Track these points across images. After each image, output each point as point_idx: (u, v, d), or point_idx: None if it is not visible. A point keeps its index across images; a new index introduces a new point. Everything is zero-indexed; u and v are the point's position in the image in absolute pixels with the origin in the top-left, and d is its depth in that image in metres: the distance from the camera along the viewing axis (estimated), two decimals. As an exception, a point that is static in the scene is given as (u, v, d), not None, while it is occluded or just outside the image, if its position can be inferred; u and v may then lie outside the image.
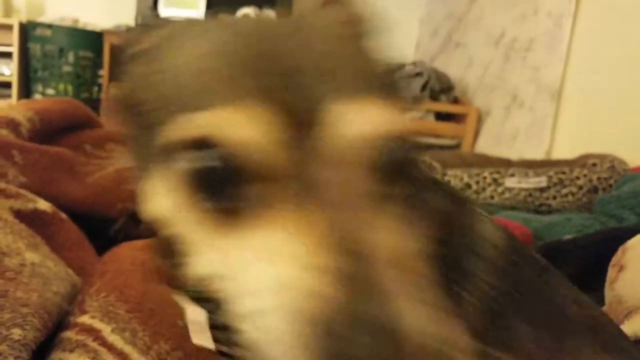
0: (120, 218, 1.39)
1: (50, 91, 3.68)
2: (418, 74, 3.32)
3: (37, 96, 3.69)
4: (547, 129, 2.93)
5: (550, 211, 1.92)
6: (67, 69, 3.65)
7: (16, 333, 0.58)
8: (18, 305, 0.62)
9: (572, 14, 2.81)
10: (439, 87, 3.40)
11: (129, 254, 0.93)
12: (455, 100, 3.51)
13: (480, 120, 3.44)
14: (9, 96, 3.73)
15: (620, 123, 2.44)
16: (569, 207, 1.96)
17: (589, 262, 0.97)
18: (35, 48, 3.62)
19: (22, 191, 1.02)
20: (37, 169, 1.14)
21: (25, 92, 3.79)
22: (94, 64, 3.70)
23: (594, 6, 2.72)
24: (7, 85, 3.71)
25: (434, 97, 3.39)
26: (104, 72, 3.55)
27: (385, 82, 0.39)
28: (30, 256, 0.76)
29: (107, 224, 1.34)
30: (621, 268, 0.88)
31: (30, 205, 1.00)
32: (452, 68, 3.74)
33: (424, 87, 3.28)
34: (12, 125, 1.21)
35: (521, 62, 3.23)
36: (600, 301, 0.89)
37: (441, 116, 3.44)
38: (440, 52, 3.99)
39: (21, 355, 0.58)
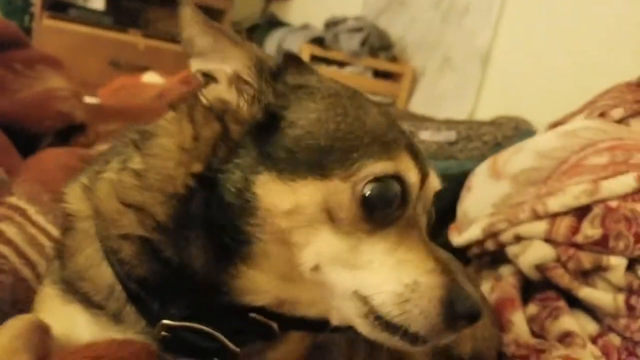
0: (48, 135, 1.45)
1: (-23, 16, 3.52)
2: (359, 29, 3.42)
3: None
4: (472, 91, 3.13)
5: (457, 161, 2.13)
6: (-3, -6, 3.49)
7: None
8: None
9: (505, -17, 2.96)
10: (379, 44, 3.51)
11: (53, 156, 1.02)
12: (394, 59, 3.65)
13: (415, 80, 3.61)
14: None
15: (536, 89, 2.66)
16: (474, 160, 2.17)
17: (458, 193, 1.16)
18: (-38, -32, 3.42)
19: (-50, 97, 1.07)
20: (-34, 80, 1.19)
21: (-50, 14, 3.59)
22: (26, -9, 3.56)
23: (526, -23, 2.87)
24: None
25: (373, 54, 3.51)
26: (36, 0, 3.42)
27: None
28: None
29: (35, 140, 1.40)
30: (469, 189, 1.08)
31: (-40, 111, 1.06)
32: (395, 27, 3.85)
33: (363, 43, 3.39)
34: (-59, 36, 1.23)
35: (456, 26, 3.38)
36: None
37: (379, 74, 3.58)
38: (386, 9, 4.09)
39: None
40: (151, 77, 2.27)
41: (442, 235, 1.17)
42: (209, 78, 0.57)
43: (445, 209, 1.19)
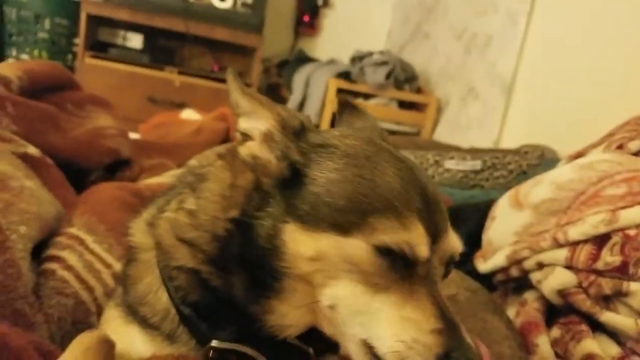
0: (96, 170, 1.57)
1: (24, 57, 3.71)
2: (384, 63, 3.52)
3: (11, 61, 3.75)
4: (497, 120, 3.16)
5: (483, 190, 2.17)
6: (42, 35, 3.70)
7: (22, 229, 0.78)
8: (22, 212, 0.81)
9: (527, 13, 3.01)
10: (404, 77, 3.61)
11: (107, 190, 1.12)
12: (418, 90, 3.73)
13: (439, 110, 3.67)
14: (-17, 59, 3.79)
15: (560, 118, 2.68)
16: (499, 188, 2.20)
17: (484, 221, 1.21)
18: (10, 12, 3.66)
19: (15, 137, 1.19)
20: (27, 120, 1.31)
21: (0, 56, 3.84)
22: (69, 32, 3.74)
23: (549, 7, 2.91)
24: (-19, 48, 3.76)
25: (398, 85, 3.60)
26: (79, 40, 3.63)
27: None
28: (28, 183, 0.94)
29: (84, 174, 1.52)
30: (493, 219, 1.12)
31: (22, 149, 1.17)
32: (419, 57, 3.94)
33: (388, 76, 3.49)
34: (4, 81, 1.37)
35: (479, 56, 3.45)
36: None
37: (404, 104, 3.67)
38: (410, 41, 4.19)
39: (25, 245, 0.77)
40: (189, 114, 2.40)
41: (469, 262, 1.21)
42: (246, 136, 0.65)
43: (472, 236, 1.24)
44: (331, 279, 0.57)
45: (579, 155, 1.24)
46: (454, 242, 0.63)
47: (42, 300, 0.76)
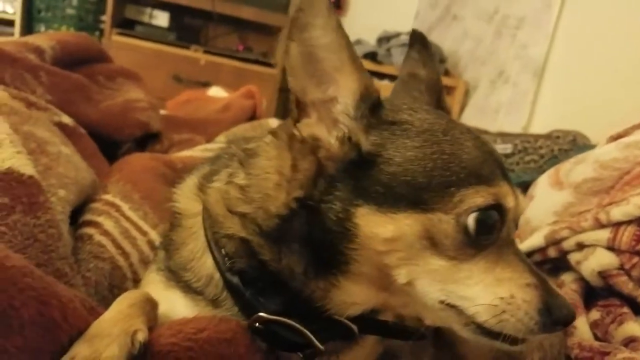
0: (127, 142, 1.58)
1: (51, 32, 3.78)
2: (411, 44, 3.47)
3: (50, 31, 3.79)
4: (527, 104, 3.10)
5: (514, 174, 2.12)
6: (70, 11, 3.72)
7: (61, 192, 0.78)
8: (61, 176, 0.82)
9: (561, -4, 2.93)
10: (431, 58, 3.55)
11: (140, 160, 1.13)
12: (446, 73, 3.66)
13: (467, 94, 3.60)
14: (11, 34, 3.81)
15: (593, 103, 2.61)
16: (530, 172, 2.16)
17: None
18: (39, -12, 3.71)
19: (49, 106, 1.20)
20: (60, 90, 1.31)
21: (27, 31, 3.85)
22: (96, 9, 3.76)
23: (583, -11, 2.83)
24: (9, 23, 3.77)
25: (425, 67, 3.55)
26: (106, 17, 3.65)
27: None
28: (64, 149, 0.94)
29: (115, 146, 1.53)
30: (531, 198, 1.10)
31: (56, 118, 1.18)
32: (447, 40, 3.87)
33: (415, 57, 3.43)
34: (38, 51, 1.37)
35: (510, 39, 3.37)
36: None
37: (431, 86, 3.61)
38: (438, 23, 4.12)
39: (64, 208, 0.77)
40: (216, 92, 2.39)
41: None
42: (302, 108, 0.58)
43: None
44: (407, 258, 0.56)
45: (621, 136, 1.20)
46: (523, 201, 0.64)
47: (80, 263, 0.77)
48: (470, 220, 0.55)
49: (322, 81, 0.58)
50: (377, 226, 0.55)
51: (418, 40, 0.76)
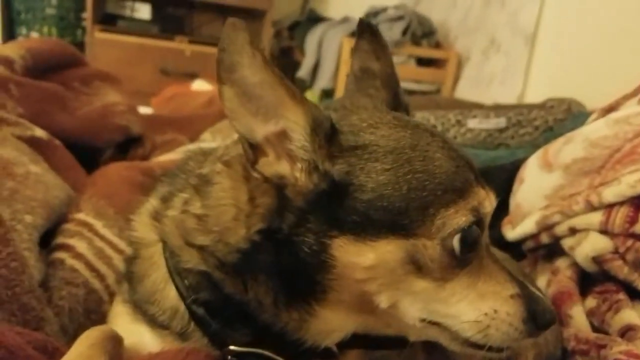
0: (107, 149, 1.54)
1: (34, 34, 3.68)
2: (400, 18, 3.38)
3: (21, 39, 3.72)
4: (520, 73, 3.03)
5: (508, 150, 2.08)
6: (50, 11, 3.65)
7: (28, 218, 0.75)
8: (28, 200, 0.79)
9: (549, -41, 2.84)
10: (421, 32, 3.46)
11: (116, 171, 1.09)
12: (437, 45, 3.59)
13: (460, 65, 3.53)
14: (-6, 38, 3.77)
15: (588, 68, 2.55)
16: (525, 146, 2.11)
17: (511, 183, 1.14)
18: (17, -11, 3.63)
19: (21, 120, 1.16)
20: (32, 102, 1.27)
21: (9, 34, 3.80)
22: (77, 6, 3.69)
23: (571, -49, 2.75)
24: (-9, 27, 3.73)
25: (416, 41, 3.46)
26: (87, 14, 3.58)
27: None
28: (34, 168, 0.91)
29: (95, 154, 1.49)
30: (521, 181, 1.06)
31: (29, 132, 1.14)
32: (436, 11, 3.78)
33: (405, 32, 3.35)
34: (7, 62, 1.33)
35: (499, 6, 3.29)
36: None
37: (423, 61, 3.53)
38: (425, -6, 4.03)
39: (31, 235, 0.74)
40: (200, 85, 2.35)
41: (496, 229, 1.16)
42: (255, 148, 0.54)
43: (499, 200, 1.17)
44: (390, 283, 0.54)
45: (611, 108, 1.15)
46: (493, 201, 0.61)
47: (52, 291, 0.74)
48: (455, 242, 0.54)
49: (269, 117, 0.54)
50: (356, 256, 0.53)
51: (367, 30, 0.70)
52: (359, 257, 0.53)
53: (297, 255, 0.53)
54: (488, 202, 0.57)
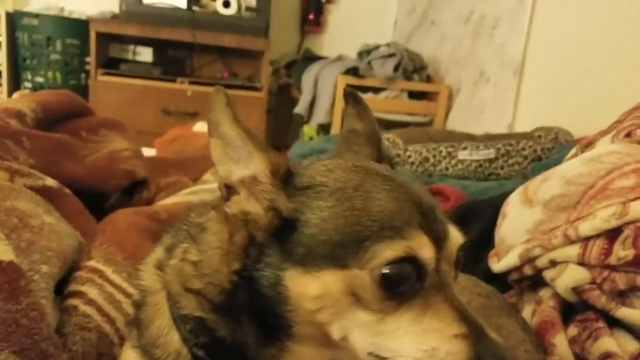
0: (114, 193, 1.61)
1: (39, 79, 3.81)
2: (392, 55, 3.50)
3: (27, 84, 3.83)
4: (509, 103, 3.12)
5: (498, 180, 2.15)
6: (54, 57, 3.77)
7: (44, 268, 0.81)
8: (44, 250, 0.85)
9: (533, -9, 2.95)
10: (412, 67, 3.58)
11: (123, 217, 1.16)
12: (428, 79, 3.70)
13: (451, 97, 3.63)
14: None
15: (574, 97, 2.63)
16: (515, 175, 2.19)
17: (497, 216, 1.20)
18: (23, 37, 3.74)
19: (32, 171, 1.23)
20: (43, 152, 1.35)
21: (15, 80, 3.91)
22: (80, 52, 3.80)
23: (554, -15, 2.86)
24: (-3, 73, 3.85)
25: (408, 76, 3.58)
26: (90, 59, 3.70)
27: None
28: (47, 218, 0.98)
29: (103, 199, 1.56)
30: (504, 216, 1.12)
31: (40, 182, 1.21)
32: (426, 46, 3.91)
33: (397, 67, 3.47)
34: (19, 116, 1.41)
35: (488, 39, 3.40)
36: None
37: (414, 94, 3.64)
38: (416, 30, 4.16)
39: (48, 284, 0.80)
40: (202, 127, 2.44)
41: (484, 260, 1.21)
42: (230, 189, 0.63)
43: (486, 233, 1.24)
44: (337, 313, 0.59)
45: (589, 143, 1.23)
46: (455, 238, 0.64)
47: (67, 337, 0.80)
48: (384, 273, 0.57)
49: (243, 164, 0.63)
50: (304, 286, 0.58)
51: (351, 97, 0.80)
52: (306, 287, 0.58)
53: (261, 291, 0.60)
54: (427, 248, 0.58)
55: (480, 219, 1.27)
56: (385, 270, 0.56)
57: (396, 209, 0.60)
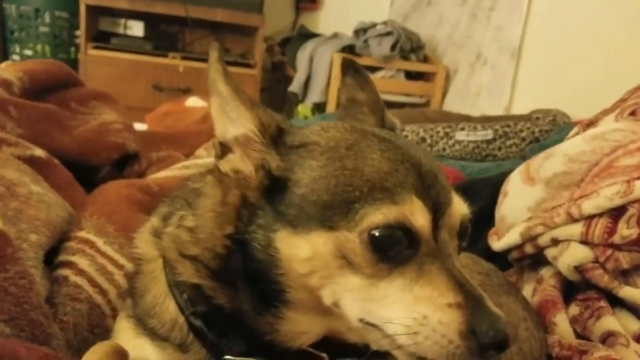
0: (104, 166, 1.57)
1: (27, 52, 3.72)
2: (389, 33, 3.45)
3: (15, 57, 3.73)
4: (507, 86, 3.10)
5: (496, 161, 2.14)
6: (43, 29, 3.68)
7: (33, 237, 0.78)
8: (32, 219, 0.82)
9: (533, -25, 2.92)
10: (410, 46, 3.53)
11: (114, 189, 1.12)
12: (425, 59, 3.66)
13: (448, 79, 3.60)
14: (-13, 57, 3.79)
15: (571, 80, 2.62)
16: (512, 157, 2.17)
17: (497, 196, 1.19)
18: (10, 9, 3.64)
19: (20, 140, 1.19)
20: (30, 122, 1.30)
21: (3, 53, 3.83)
22: (70, 25, 3.72)
23: (554, -32, 2.83)
24: (-16, 46, 3.75)
25: (405, 56, 3.53)
26: (80, 32, 3.61)
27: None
28: (35, 188, 0.94)
29: (93, 172, 1.52)
30: (505, 194, 1.11)
31: (28, 152, 1.17)
32: (424, 27, 3.86)
33: (394, 47, 3.42)
34: (5, 84, 1.36)
35: (485, 22, 3.36)
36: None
37: (411, 75, 3.60)
38: (414, 10, 4.09)
39: (37, 253, 0.77)
40: (194, 102, 2.39)
41: (483, 239, 1.20)
42: (225, 147, 0.62)
43: (485, 212, 1.22)
44: (328, 277, 0.57)
45: (591, 122, 1.21)
46: (460, 208, 0.61)
47: (57, 307, 0.77)
48: (373, 237, 0.54)
49: (236, 122, 0.61)
50: (294, 248, 0.57)
51: (350, 67, 0.77)
52: (296, 249, 0.56)
53: (254, 254, 0.58)
54: (421, 215, 0.55)
55: (478, 198, 1.25)
56: (375, 233, 0.54)
57: (390, 170, 0.57)
